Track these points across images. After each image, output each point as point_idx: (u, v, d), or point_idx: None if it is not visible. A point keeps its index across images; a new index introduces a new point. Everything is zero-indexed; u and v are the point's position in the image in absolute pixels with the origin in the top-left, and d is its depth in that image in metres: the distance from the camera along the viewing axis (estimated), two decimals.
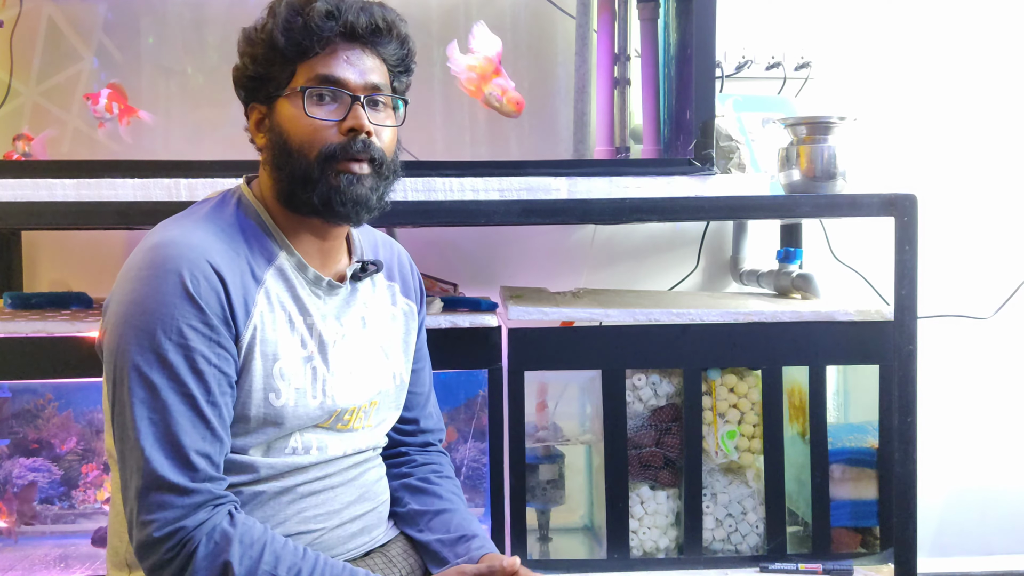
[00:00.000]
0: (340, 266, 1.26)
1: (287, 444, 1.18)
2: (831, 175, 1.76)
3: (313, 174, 1.15)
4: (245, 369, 1.13)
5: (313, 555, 1.11)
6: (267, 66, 1.16)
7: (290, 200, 1.18)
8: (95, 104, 1.87)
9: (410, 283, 1.39)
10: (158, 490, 1.05)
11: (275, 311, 1.16)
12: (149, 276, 1.08)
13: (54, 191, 1.64)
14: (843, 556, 1.76)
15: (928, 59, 2.32)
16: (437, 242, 2.21)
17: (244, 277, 1.14)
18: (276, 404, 1.15)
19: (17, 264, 2.12)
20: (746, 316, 1.74)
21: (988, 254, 2.35)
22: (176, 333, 1.07)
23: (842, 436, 1.85)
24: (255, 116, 1.21)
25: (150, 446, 1.05)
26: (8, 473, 1.81)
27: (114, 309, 1.10)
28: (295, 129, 1.15)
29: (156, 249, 1.10)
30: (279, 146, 1.17)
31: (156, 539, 1.04)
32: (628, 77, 2.00)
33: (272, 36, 1.15)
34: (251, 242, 1.17)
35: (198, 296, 1.08)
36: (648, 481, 1.79)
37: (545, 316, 1.71)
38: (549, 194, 1.70)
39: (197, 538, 1.05)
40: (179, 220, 1.18)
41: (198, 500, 1.06)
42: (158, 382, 1.06)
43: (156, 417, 1.06)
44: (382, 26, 1.17)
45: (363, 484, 1.27)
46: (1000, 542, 2.38)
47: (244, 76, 1.19)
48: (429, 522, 1.32)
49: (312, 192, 1.15)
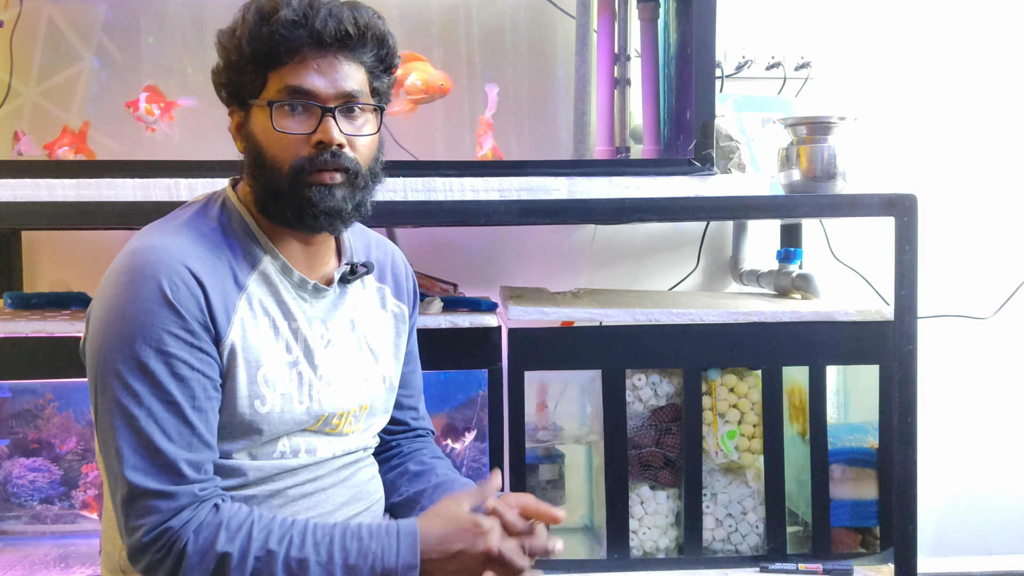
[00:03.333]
0: (328, 268, 1.25)
1: (275, 448, 1.17)
2: (831, 175, 1.76)
3: (284, 188, 1.13)
4: (229, 375, 1.12)
5: (301, 521, 1.11)
6: (239, 74, 1.14)
7: (265, 210, 1.17)
8: (136, 111, 1.87)
9: (403, 285, 1.38)
10: (144, 497, 1.04)
11: (257, 317, 1.15)
12: (127, 283, 1.07)
13: (54, 191, 1.64)
14: (843, 556, 1.76)
15: (928, 59, 2.32)
16: (437, 242, 2.21)
17: (225, 283, 1.13)
18: (261, 411, 1.14)
19: (17, 264, 2.12)
20: (746, 316, 1.74)
21: (988, 254, 2.35)
22: (156, 340, 1.06)
23: (842, 436, 1.85)
24: (235, 120, 1.19)
25: (134, 455, 1.04)
26: (8, 473, 1.81)
27: (95, 316, 1.09)
28: (266, 141, 1.13)
29: (134, 255, 1.09)
30: (253, 156, 1.15)
31: (145, 543, 1.05)
32: (628, 77, 2.00)
33: (241, 44, 1.12)
34: (234, 247, 1.16)
35: (177, 302, 1.07)
36: (648, 481, 1.79)
37: (545, 316, 1.71)
38: (549, 194, 1.70)
39: (184, 535, 1.05)
40: (161, 225, 1.17)
41: (184, 502, 1.06)
42: (140, 390, 1.05)
43: (139, 426, 1.05)
44: (353, 31, 1.12)
45: (355, 484, 1.27)
46: (1000, 542, 2.38)
47: (219, 81, 1.18)
48: (431, 496, 1.30)
49: (285, 205, 1.14)
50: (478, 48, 2.18)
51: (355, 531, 1.10)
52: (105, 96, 2.13)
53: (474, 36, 2.19)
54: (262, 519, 1.09)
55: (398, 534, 1.10)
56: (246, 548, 1.06)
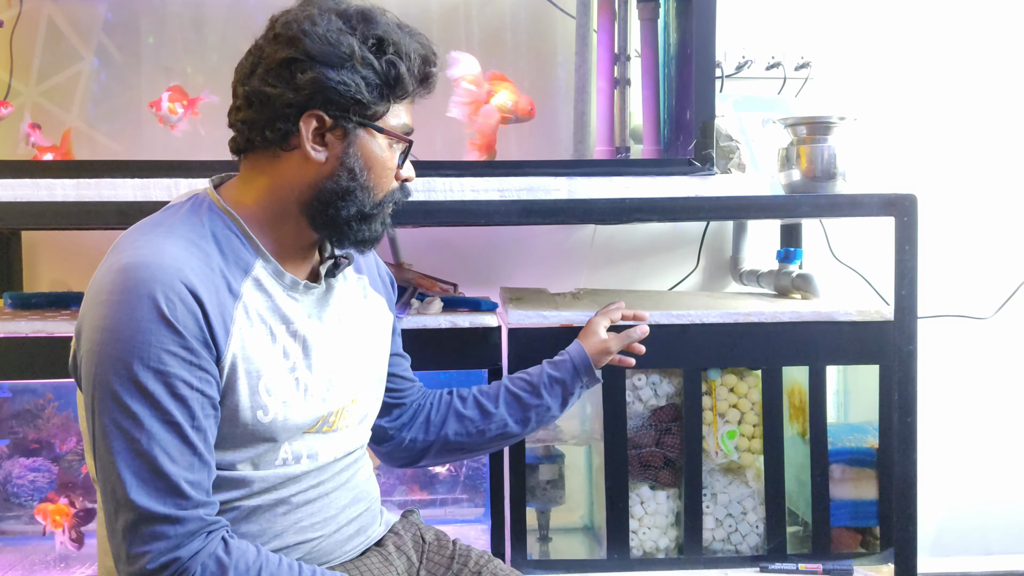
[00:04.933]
0: (313, 263, 1.25)
1: (276, 456, 1.16)
2: (831, 175, 1.76)
3: (368, 210, 1.17)
4: (230, 389, 1.10)
5: (309, 569, 1.11)
6: (369, 91, 1.14)
7: (328, 222, 1.17)
8: (159, 110, 1.87)
9: (375, 274, 1.39)
10: (149, 522, 1.01)
11: (254, 325, 1.13)
12: (121, 301, 1.03)
13: (54, 191, 1.64)
14: (843, 556, 1.76)
15: (928, 59, 2.32)
16: (437, 242, 2.21)
17: (220, 294, 1.10)
18: (264, 420, 1.12)
19: (17, 264, 2.12)
20: (746, 316, 1.74)
21: (988, 254, 2.35)
22: (155, 360, 1.02)
23: (842, 436, 1.85)
24: (314, 123, 1.13)
25: (136, 479, 1.01)
26: (8, 473, 1.81)
27: (88, 336, 1.05)
28: (377, 166, 1.17)
29: (127, 271, 1.04)
30: (349, 172, 1.15)
31: (149, 571, 1.01)
32: (628, 77, 2.00)
33: (399, 72, 1.15)
34: (225, 253, 1.13)
35: (175, 320, 1.03)
36: (648, 481, 1.79)
37: (545, 320, 1.71)
38: (549, 194, 1.70)
39: (192, 568, 1.02)
40: (148, 233, 1.11)
41: (191, 528, 1.03)
42: (139, 412, 1.02)
43: (141, 448, 1.02)
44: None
45: (355, 485, 1.27)
46: (1000, 542, 2.38)
47: (328, 83, 1.11)
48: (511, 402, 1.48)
49: (366, 226, 1.19)
50: (478, 48, 2.18)
51: None
52: (105, 96, 2.13)
53: (474, 36, 2.19)
54: (269, 563, 1.08)
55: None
56: None
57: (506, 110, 1.83)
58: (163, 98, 1.86)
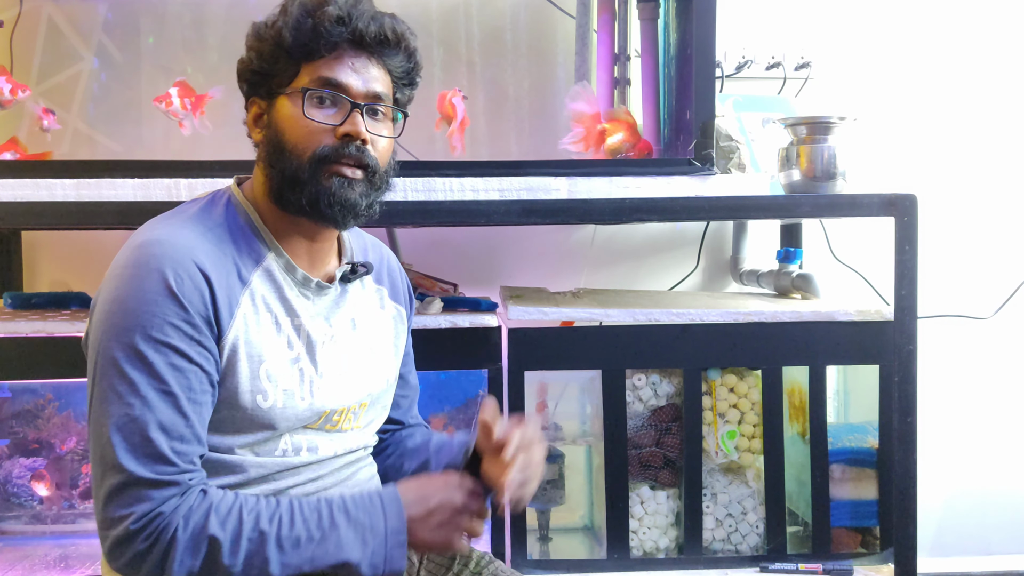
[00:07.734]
0: (330, 267, 1.26)
1: (276, 445, 1.17)
2: (831, 175, 1.76)
3: (303, 175, 1.15)
4: (230, 370, 1.12)
5: (287, 500, 1.12)
6: (272, 63, 1.17)
7: (279, 198, 1.18)
8: (169, 106, 1.85)
9: (399, 287, 1.39)
10: (135, 485, 1.04)
11: (259, 312, 1.16)
12: (133, 275, 1.08)
13: (54, 191, 1.64)
14: (843, 556, 1.76)
15: (928, 59, 2.32)
16: (437, 242, 2.21)
17: (230, 278, 1.13)
18: (264, 406, 1.14)
19: (17, 264, 2.12)
20: (746, 316, 1.74)
21: (988, 254, 2.35)
22: (157, 330, 1.06)
23: (842, 436, 1.85)
24: (254, 110, 1.21)
25: (126, 443, 1.04)
26: (8, 473, 1.81)
27: (99, 307, 1.10)
28: (291, 128, 1.16)
29: (141, 248, 1.10)
30: (274, 143, 1.17)
31: (133, 531, 1.03)
32: (628, 77, 2.00)
33: (280, 34, 1.15)
34: (239, 243, 1.17)
35: (181, 295, 1.07)
36: (648, 481, 1.79)
37: (545, 316, 1.71)
38: (549, 194, 1.70)
39: (175, 521, 1.04)
40: (167, 219, 1.17)
41: (174, 491, 1.05)
42: (137, 379, 1.05)
43: (134, 414, 1.04)
44: (391, 37, 1.17)
45: (356, 484, 1.27)
46: (1000, 542, 2.38)
47: (248, 70, 1.19)
48: (435, 461, 1.32)
49: (301, 193, 1.15)
50: (478, 48, 2.19)
51: (341, 504, 1.12)
52: (105, 96, 2.13)
53: (474, 36, 2.19)
54: (248, 501, 1.09)
55: (382, 502, 1.12)
56: (238, 531, 1.06)
57: (616, 152, 1.85)
58: (172, 93, 1.86)
